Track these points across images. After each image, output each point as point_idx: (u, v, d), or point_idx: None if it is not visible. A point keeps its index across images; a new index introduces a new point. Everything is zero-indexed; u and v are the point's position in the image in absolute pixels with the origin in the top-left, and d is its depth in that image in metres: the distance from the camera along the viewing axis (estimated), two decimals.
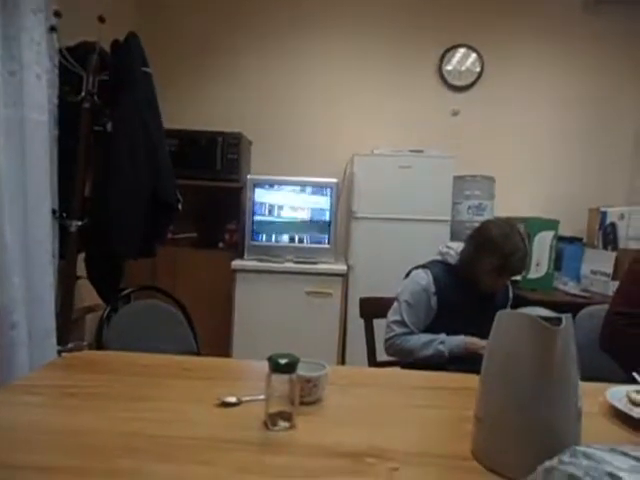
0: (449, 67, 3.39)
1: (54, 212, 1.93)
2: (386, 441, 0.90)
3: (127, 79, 2.06)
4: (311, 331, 2.85)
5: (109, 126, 2.07)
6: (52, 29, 1.88)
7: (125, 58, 2.07)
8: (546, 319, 0.80)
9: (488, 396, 0.86)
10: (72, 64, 1.98)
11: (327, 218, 3.06)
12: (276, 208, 3.07)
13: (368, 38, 3.41)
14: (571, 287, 2.88)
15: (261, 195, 3.06)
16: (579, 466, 0.60)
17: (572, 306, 2.10)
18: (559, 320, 0.81)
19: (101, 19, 1.96)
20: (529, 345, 0.80)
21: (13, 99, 1.78)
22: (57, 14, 1.89)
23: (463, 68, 3.39)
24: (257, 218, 3.06)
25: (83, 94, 1.99)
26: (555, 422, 0.79)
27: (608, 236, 2.96)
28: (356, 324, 2.32)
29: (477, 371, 0.90)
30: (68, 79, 1.99)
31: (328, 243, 3.05)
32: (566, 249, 3.04)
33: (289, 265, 2.95)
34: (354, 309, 2.79)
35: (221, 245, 3.15)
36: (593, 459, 0.62)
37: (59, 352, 1.95)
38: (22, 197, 1.79)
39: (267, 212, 3.07)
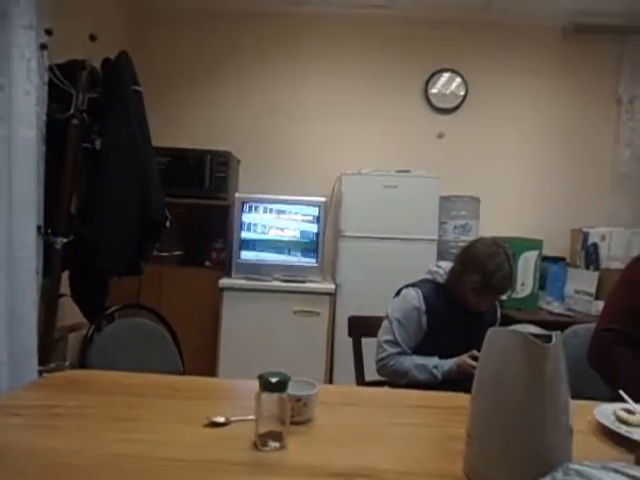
0: (434, 90, 3.47)
1: (39, 229, 1.90)
2: (378, 461, 0.90)
3: (117, 97, 2.06)
4: (298, 350, 2.82)
5: (98, 143, 2.06)
6: (43, 46, 1.88)
7: (116, 76, 2.08)
8: (536, 336, 0.80)
9: (479, 414, 0.86)
10: (62, 81, 1.98)
11: (315, 237, 3.06)
12: (264, 226, 3.07)
13: (356, 60, 3.48)
14: (555, 307, 2.91)
15: (249, 213, 3.06)
16: None
17: (556, 325, 2.13)
18: (549, 338, 0.82)
19: (92, 37, 1.97)
20: (520, 362, 0.80)
21: (1, 114, 1.77)
22: (48, 32, 1.90)
23: (448, 91, 3.47)
24: (244, 236, 3.05)
25: (72, 111, 1.98)
26: (547, 440, 0.79)
27: (590, 256, 3.02)
28: (344, 343, 2.30)
29: (468, 390, 0.91)
30: (57, 96, 1.98)
31: (316, 262, 3.05)
32: (550, 269, 3.08)
33: (277, 284, 2.93)
34: (341, 328, 2.77)
35: (207, 263, 3.12)
36: (586, 477, 0.62)
37: (40, 372, 1.89)
38: (7, 213, 1.76)
39: (255, 230, 3.06)
